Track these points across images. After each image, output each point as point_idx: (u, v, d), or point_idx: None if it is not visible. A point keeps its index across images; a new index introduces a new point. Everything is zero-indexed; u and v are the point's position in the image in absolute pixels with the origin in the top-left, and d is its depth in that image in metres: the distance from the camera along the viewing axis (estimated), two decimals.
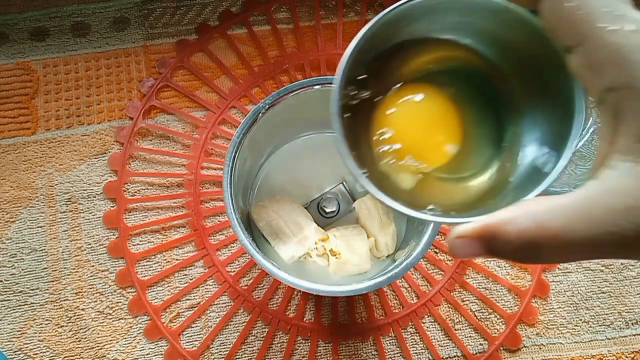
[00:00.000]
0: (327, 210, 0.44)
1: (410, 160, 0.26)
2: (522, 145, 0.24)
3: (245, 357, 0.45)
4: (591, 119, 0.25)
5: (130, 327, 0.45)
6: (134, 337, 0.45)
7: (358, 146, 0.25)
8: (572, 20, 0.18)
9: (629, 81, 0.17)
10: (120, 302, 0.46)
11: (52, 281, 0.46)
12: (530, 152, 0.24)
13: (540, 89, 0.23)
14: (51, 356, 0.45)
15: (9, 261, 0.47)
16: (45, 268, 0.46)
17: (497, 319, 0.46)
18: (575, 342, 0.45)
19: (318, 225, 0.42)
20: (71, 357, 0.45)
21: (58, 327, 0.45)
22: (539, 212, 0.18)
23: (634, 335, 0.45)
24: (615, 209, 0.17)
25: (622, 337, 0.45)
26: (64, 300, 0.46)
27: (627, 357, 0.45)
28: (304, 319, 0.45)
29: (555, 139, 0.22)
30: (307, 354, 0.45)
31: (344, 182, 0.46)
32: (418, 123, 0.26)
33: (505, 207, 0.19)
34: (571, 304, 0.46)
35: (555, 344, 0.45)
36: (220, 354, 0.45)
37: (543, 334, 0.45)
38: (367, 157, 0.26)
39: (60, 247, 0.47)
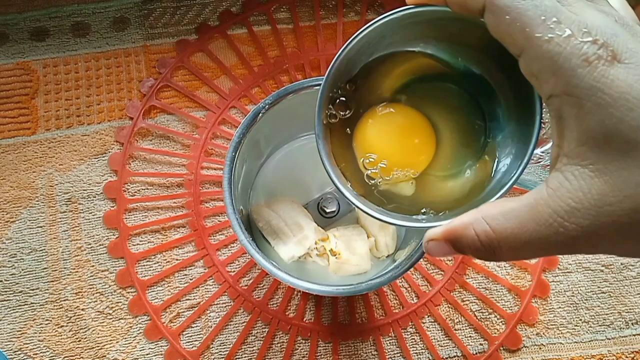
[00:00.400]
0: (327, 210, 0.44)
1: (398, 172, 0.27)
2: (504, 140, 0.25)
3: (245, 357, 0.45)
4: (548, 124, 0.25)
5: (130, 327, 0.45)
6: (134, 337, 0.45)
7: (349, 160, 0.27)
8: (511, 32, 0.18)
9: (566, 89, 0.17)
10: (120, 302, 0.46)
11: (52, 281, 0.46)
12: (509, 148, 0.25)
13: (512, 89, 0.24)
14: (51, 356, 0.45)
15: (9, 261, 0.47)
16: (45, 268, 0.46)
17: (497, 319, 0.46)
18: (575, 342, 0.45)
19: (318, 225, 0.42)
20: (71, 357, 0.45)
21: (58, 327, 0.45)
22: (494, 216, 0.19)
23: (634, 335, 0.45)
24: (560, 211, 0.17)
25: (622, 337, 0.45)
26: (64, 300, 0.46)
27: (627, 357, 0.45)
28: (304, 319, 0.45)
29: (525, 138, 0.23)
30: (307, 354, 0.45)
31: None
32: (391, 138, 0.27)
33: (468, 211, 0.20)
34: (571, 304, 0.46)
35: (555, 344, 0.45)
36: (220, 354, 0.45)
37: (543, 334, 0.45)
38: (358, 173, 0.27)
39: (60, 247, 0.47)
